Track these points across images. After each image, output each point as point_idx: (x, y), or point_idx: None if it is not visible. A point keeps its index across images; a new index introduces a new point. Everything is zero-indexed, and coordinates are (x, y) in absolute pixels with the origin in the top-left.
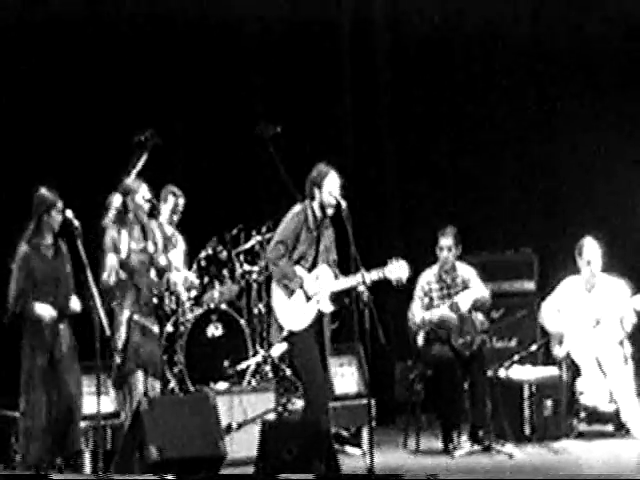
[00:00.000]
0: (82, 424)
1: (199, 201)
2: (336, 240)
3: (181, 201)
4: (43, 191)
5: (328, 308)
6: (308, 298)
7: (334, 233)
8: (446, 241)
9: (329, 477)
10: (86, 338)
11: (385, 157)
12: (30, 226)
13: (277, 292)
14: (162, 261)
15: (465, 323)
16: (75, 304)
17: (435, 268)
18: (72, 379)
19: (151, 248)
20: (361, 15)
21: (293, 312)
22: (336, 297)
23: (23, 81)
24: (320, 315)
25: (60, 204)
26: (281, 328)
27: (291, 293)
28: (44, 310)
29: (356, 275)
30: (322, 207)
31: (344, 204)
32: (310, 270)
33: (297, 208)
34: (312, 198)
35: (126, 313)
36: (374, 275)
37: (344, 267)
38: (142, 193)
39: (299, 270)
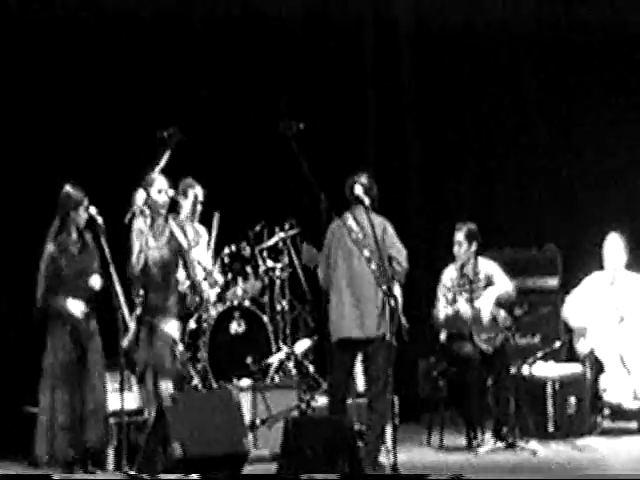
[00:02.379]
0: (111, 420)
1: (222, 198)
2: None
3: (200, 191)
4: (69, 189)
5: None
6: None
7: None
8: (458, 236)
9: (354, 477)
10: (110, 335)
11: (408, 154)
12: (55, 223)
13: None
14: (191, 257)
15: (486, 319)
16: (95, 281)
17: (456, 264)
18: (96, 376)
19: (183, 244)
20: (383, 9)
21: None
22: None
23: (47, 79)
24: None
25: (86, 202)
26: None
27: None
28: (75, 307)
29: None
30: None
31: (367, 202)
32: None
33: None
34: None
35: (138, 310)
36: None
37: None
38: (157, 186)
39: None
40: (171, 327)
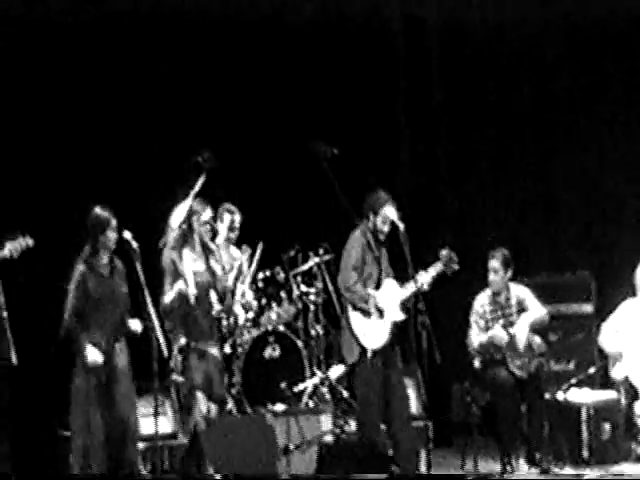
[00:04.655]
0: (140, 445)
1: (256, 222)
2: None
3: (237, 218)
4: (97, 210)
5: (400, 316)
6: (381, 314)
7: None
8: (493, 263)
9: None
10: (144, 359)
11: (441, 179)
12: (86, 246)
13: (354, 316)
14: (225, 282)
15: (521, 345)
16: (136, 325)
17: (488, 291)
18: (126, 399)
19: (216, 270)
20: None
21: (372, 331)
22: (405, 305)
23: (84, 102)
24: (395, 327)
25: (114, 222)
26: (363, 349)
27: (368, 314)
28: (92, 354)
29: (417, 277)
30: (375, 231)
31: (402, 227)
32: (376, 288)
33: (357, 233)
34: (368, 220)
35: (182, 339)
36: (432, 271)
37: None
38: (206, 215)
39: (369, 290)
40: (217, 351)
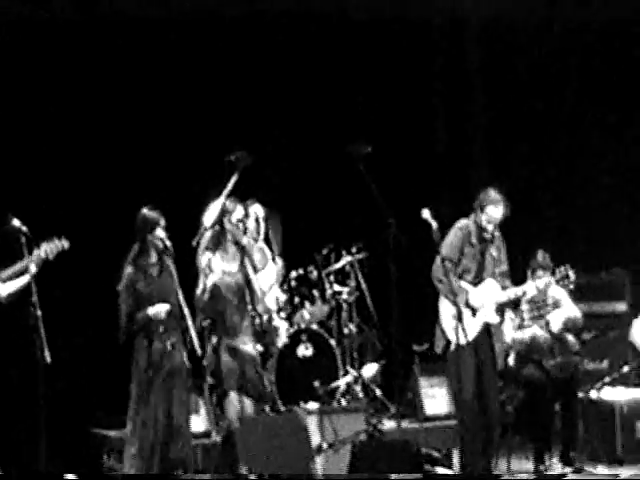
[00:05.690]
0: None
1: (290, 221)
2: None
3: (259, 209)
4: (146, 211)
5: (495, 319)
6: (474, 312)
7: (504, 245)
8: (542, 260)
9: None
10: None
11: (476, 176)
12: (134, 247)
13: (444, 306)
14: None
15: (557, 344)
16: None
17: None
18: (180, 397)
19: (249, 271)
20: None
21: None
22: (501, 309)
23: (120, 104)
24: (487, 327)
25: (163, 222)
26: (448, 341)
27: (457, 307)
28: (156, 309)
29: (523, 285)
30: (479, 227)
31: (435, 226)
32: (474, 282)
33: (461, 223)
34: (475, 215)
35: (214, 338)
36: (540, 283)
37: None
38: (237, 214)
39: (464, 284)
40: (251, 347)
